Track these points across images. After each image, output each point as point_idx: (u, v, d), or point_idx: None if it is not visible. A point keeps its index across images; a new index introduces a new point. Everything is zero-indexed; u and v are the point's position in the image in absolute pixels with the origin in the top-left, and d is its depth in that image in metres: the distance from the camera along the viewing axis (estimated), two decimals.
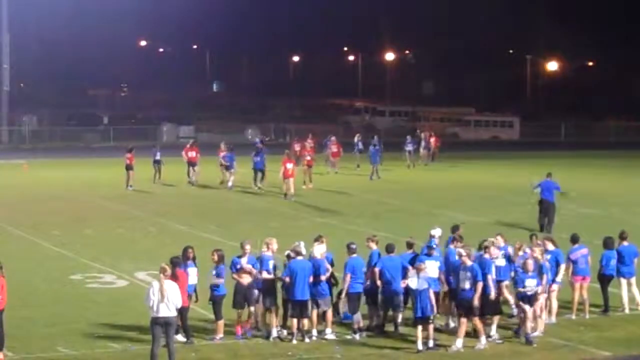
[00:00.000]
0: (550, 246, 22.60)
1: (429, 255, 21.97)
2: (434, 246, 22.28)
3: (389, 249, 21.78)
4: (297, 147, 53.11)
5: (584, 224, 35.46)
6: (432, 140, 62.50)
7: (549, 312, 22.34)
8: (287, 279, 20.92)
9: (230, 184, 46.35)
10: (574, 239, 23.38)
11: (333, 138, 55.92)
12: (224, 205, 42.25)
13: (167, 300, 18.79)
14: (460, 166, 61.58)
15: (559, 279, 22.35)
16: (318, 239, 21.98)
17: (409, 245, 22.60)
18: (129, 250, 30.79)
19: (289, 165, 43.02)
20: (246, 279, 21.16)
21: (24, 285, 24.87)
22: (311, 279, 21.02)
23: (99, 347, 20.35)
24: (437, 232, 22.68)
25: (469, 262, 20.63)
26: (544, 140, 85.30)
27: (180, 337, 20.77)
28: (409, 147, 59.38)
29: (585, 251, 23.20)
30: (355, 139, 58.68)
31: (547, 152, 70.84)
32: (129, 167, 46.05)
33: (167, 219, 37.32)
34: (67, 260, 29.26)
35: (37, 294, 24.83)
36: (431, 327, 20.48)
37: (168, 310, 18.84)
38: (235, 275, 21.27)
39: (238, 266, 21.28)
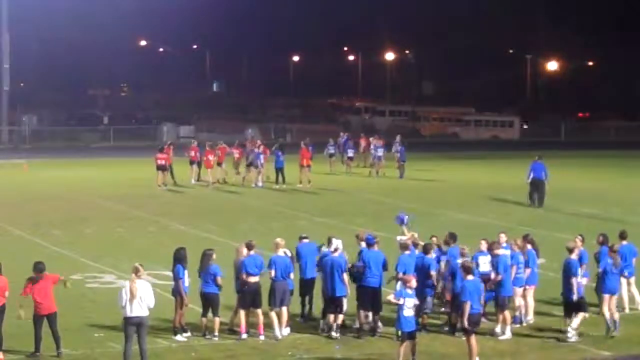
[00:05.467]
0: (527, 247, 22.61)
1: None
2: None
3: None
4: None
5: (584, 223, 35.50)
6: (363, 143, 59.06)
7: (526, 311, 22.52)
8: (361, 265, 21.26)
9: (260, 183, 47.33)
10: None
11: (258, 142, 54.72)
12: (224, 205, 42.26)
13: (140, 299, 18.83)
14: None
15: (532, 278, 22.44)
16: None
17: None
18: (129, 250, 30.76)
19: (211, 157, 47.25)
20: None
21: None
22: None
23: (99, 347, 20.37)
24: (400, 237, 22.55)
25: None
26: (544, 140, 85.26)
27: (180, 338, 20.78)
28: (331, 150, 56.46)
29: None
30: (397, 139, 57.01)
31: (547, 152, 70.62)
32: (161, 167, 46.10)
33: (167, 219, 37.33)
34: (67, 260, 29.25)
35: None
36: (412, 344, 19.15)
37: (140, 309, 18.87)
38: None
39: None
